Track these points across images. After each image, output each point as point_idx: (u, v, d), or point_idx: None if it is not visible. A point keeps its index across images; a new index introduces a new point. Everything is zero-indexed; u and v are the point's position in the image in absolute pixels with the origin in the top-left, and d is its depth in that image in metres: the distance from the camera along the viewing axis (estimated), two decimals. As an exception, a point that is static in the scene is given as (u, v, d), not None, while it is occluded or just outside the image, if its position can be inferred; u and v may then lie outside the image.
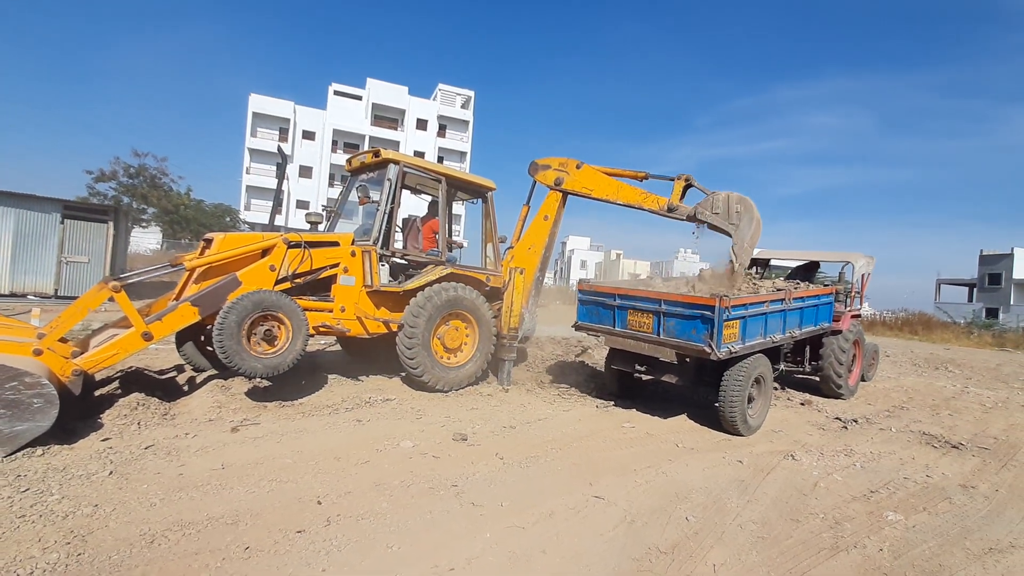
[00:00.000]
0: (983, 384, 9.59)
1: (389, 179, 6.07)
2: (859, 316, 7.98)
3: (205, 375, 5.93)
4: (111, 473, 3.47)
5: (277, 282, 5.39)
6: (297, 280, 5.56)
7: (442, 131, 49.35)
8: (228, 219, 46.04)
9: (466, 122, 50.06)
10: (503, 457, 4.24)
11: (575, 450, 4.54)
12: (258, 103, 45.21)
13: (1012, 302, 36.66)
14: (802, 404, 6.94)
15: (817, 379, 7.44)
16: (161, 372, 6.20)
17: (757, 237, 5.83)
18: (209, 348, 6.09)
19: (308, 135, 46.83)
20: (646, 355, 5.45)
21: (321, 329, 5.64)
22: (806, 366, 7.33)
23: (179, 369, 6.33)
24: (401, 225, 7.16)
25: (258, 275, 5.27)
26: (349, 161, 6.84)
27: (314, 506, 3.26)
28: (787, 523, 3.37)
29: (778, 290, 5.87)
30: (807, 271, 8.53)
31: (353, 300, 5.92)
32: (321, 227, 6.54)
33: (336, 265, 5.82)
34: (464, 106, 50.60)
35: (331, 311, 5.77)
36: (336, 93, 48.01)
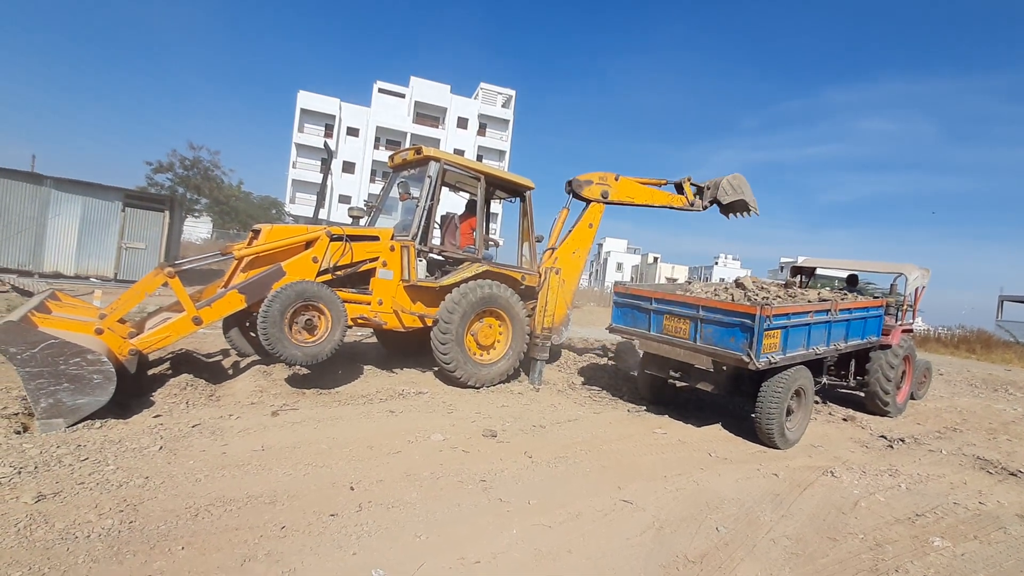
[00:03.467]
0: (1047, 409, 8.94)
1: (429, 176, 6.17)
2: (911, 331, 7.60)
3: (249, 360, 6.18)
4: (161, 448, 3.67)
5: (319, 273, 5.56)
6: (338, 272, 5.73)
7: (482, 130, 49.68)
8: (274, 211, 47.63)
9: (506, 121, 50.22)
10: (532, 456, 4.25)
11: (604, 453, 4.50)
12: (306, 100, 46.63)
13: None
14: (845, 420, 6.67)
15: (862, 395, 7.13)
16: (208, 355, 6.49)
17: None
18: (253, 334, 6.35)
19: (352, 131, 47.97)
20: (681, 361, 5.35)
21: (359, 321, 5.78)
22: (851, 380, 7.03)
23: (225, 353, 6.60)
24: (440, 222, 7.27)
25: (301, 266, 5.45)
26: (391, 158, 6.99)
27: (347, 491, 3.35)
28: (823, 541, 3.26)
29: (823, 300, 5.66)
30: (850, 283, 8.25)
31: (391, 294, 6.05)
32: (362, 222, 6.70)
33: (376, 259, 5.96)
34: (505, 105, 50.79)
35: (369, 304, 5.92)
36: (380, 91, 49.06)
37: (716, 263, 63.41)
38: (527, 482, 3.75)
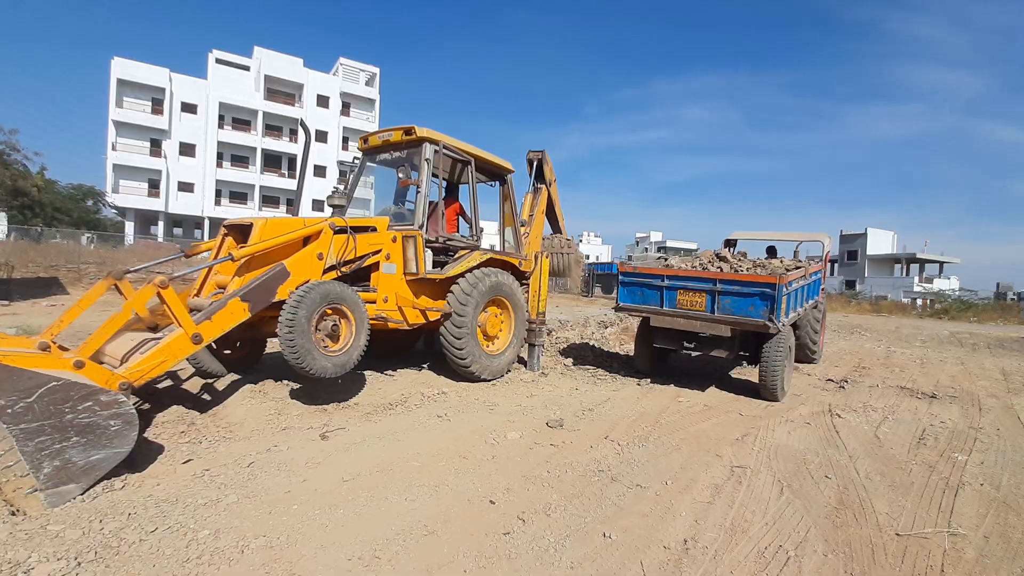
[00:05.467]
0: (897, 344, 11.41)
1: (427, 159, 5.69)
2: (824, 289, 9.06)
3: (226, 382, 5.19)
4: (238, 499, 2.98)
5: (324, 271, 4.88)
6: (343, 268, 5.06)
7: (346, 109, 46.48)
8: (91, 202, 39.68)
9: (372, 100, 47.60)
10: (614, 440, 4.27)
11: (665, 427, 4.69)
12: (123, 68, 39.20)
13: (867, 275, 43.82)
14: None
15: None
16: (155, 381, 5.29)
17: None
18: (227, 352, 5.37)
19: (188, 108, 41.62)
20: (695, 332, 5.75)
21: (376, 322, 5.19)
22: (786, 336, 8.19)
23: (174, 377, 5.44)
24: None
25: (306, 264, 4.73)
26: (366, 139, 6.29)
27: (489, 506, 3.08)
28: (898, 472, 3.82)
29: (797, 268, 6.49)
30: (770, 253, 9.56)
31: (394, 289, 5.52)
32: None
33: (378, 251, 5.39)
34: (369, 83, 48.04)
35: (375, 301, 5.34)
36: (218, 61, 43.10)
37: (580, 240, 67.93)
38: (637, 465, 3.77)
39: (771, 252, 9.49)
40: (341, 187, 5.73)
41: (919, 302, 30.46)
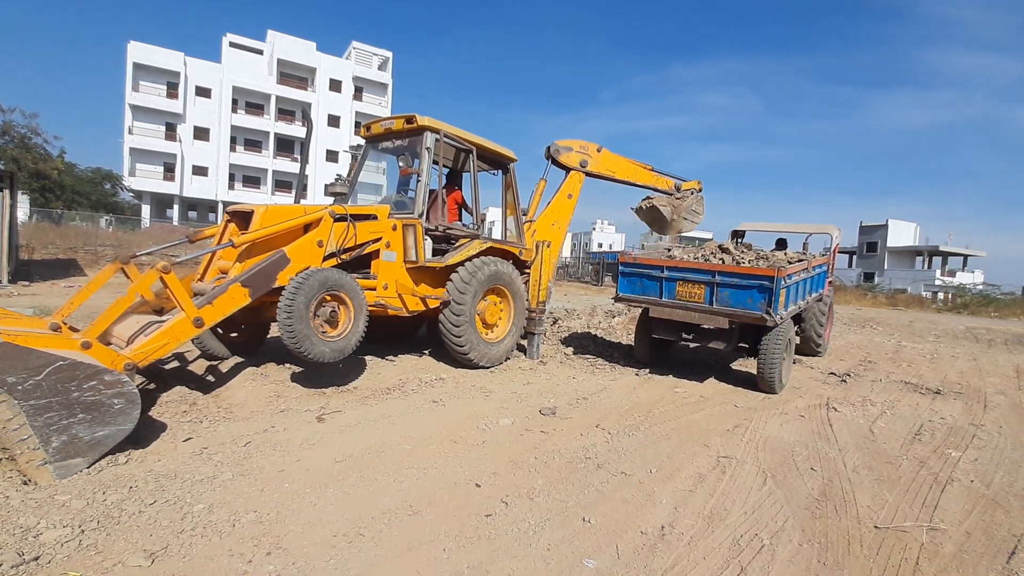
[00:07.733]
0: (909, 339, 11.26)
1: (428, 148, 5.73)
2: (832, 282, 8.96)
3: (230, 364, 5.33)
4: (233, 475, 3.10)
5: (324, 258, 4.97)
6: (343, 256, 5.15)
7: (358, 94, 46.41)
8: (109, 185, 40.36)
9: (384, 85, 47.44)
10: (604, 428, 4.33)
11: (658, 417, 4.73)
12: (139, 52, 39.51)
13: (886, 267, 43.08)
14: (793, 362, 7.71)
15: (798, 340, 8.28)
16: (162, 362, 5.47)
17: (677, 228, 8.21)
18: (233, 335, 5.51)
19: (202, 92, 41.92)
20: (693, 324, 5.76)
21: (375, 309, 5.29)
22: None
23: (181, 359, 5.61)
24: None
25: (306, 251, 4.82)
26: (368, 127, 6.33)
27: (475, 489, 3.16)
28: (887, 466, 3.83)
29: (800, 260, 6.44)
30: (779, 245, 9.44)
31: (394, 276, 5.61)
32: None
33: (378, 239, 5.46)
34: (382, 68, 47.85)
35: (375, 288, 5.43)
36: (232, 45, 43.22)
37: (594, 228, 67.45)
38: (625, 453, 3.83)
39: (781, 244, 9.40)
40: (344, 175, 5.81)
41: (939, 296, 29.91)
